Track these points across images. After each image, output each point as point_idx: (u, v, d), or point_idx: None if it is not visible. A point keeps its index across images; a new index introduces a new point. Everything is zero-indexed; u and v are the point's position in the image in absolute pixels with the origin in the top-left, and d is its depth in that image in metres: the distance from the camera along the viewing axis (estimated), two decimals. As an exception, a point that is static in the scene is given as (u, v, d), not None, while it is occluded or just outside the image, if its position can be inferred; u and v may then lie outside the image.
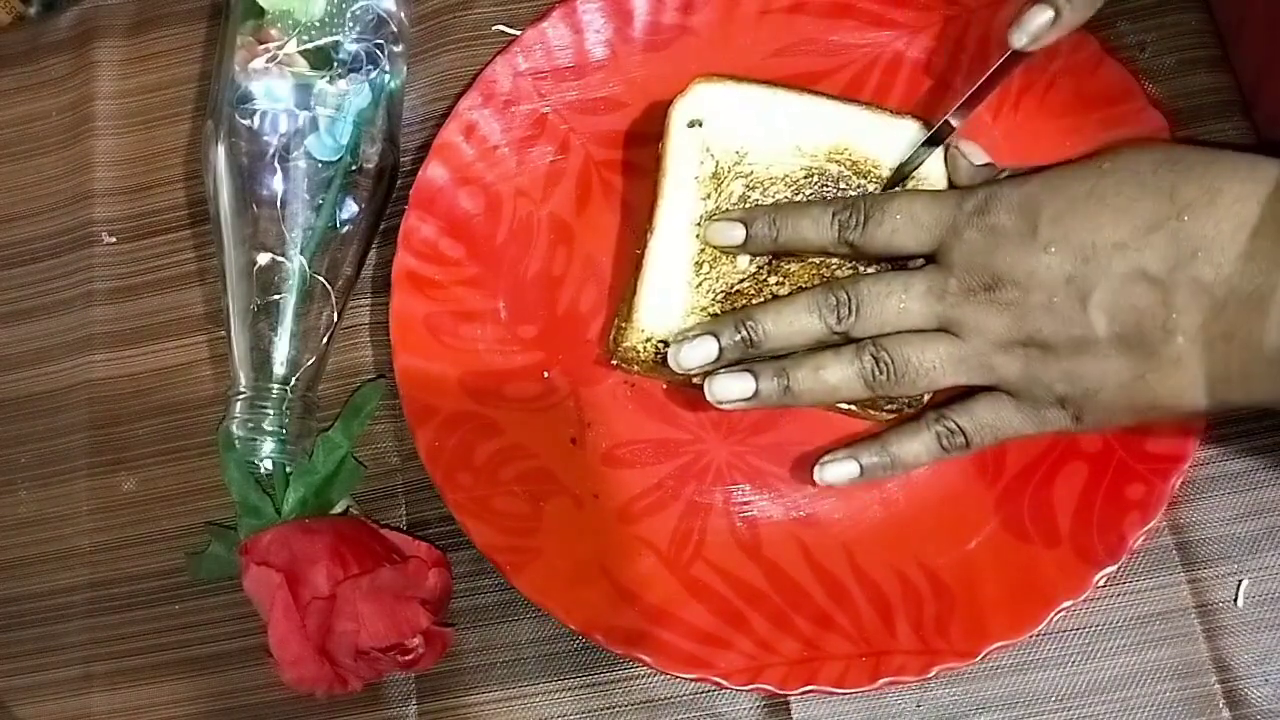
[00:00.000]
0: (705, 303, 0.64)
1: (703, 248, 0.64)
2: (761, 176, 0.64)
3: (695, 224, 0.65)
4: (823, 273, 0.64)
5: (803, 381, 0.60)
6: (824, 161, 0.64)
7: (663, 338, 0.64)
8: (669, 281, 0.64)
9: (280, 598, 0.64)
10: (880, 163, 0.64)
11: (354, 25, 0.72)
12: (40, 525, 0.78)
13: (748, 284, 0.64)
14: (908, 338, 0.58)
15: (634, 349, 0.64)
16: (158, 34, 0.85)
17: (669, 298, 0.64)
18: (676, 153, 0.65)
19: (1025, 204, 0.56)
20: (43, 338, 0.81)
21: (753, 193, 0.64)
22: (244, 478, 0.72)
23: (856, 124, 0.65)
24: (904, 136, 0.65)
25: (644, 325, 0.64)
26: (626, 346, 0.64)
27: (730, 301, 0.64)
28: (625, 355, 0.65)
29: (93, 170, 0.83)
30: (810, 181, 0.64)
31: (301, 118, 0.70)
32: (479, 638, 0.70)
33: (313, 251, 0.70)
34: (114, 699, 0.74)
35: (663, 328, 0.64)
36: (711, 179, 0.64)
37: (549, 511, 0.69)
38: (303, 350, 0.70)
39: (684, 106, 0.65)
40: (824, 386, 0.60)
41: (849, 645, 0.64)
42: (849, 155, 0.64)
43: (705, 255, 0.64)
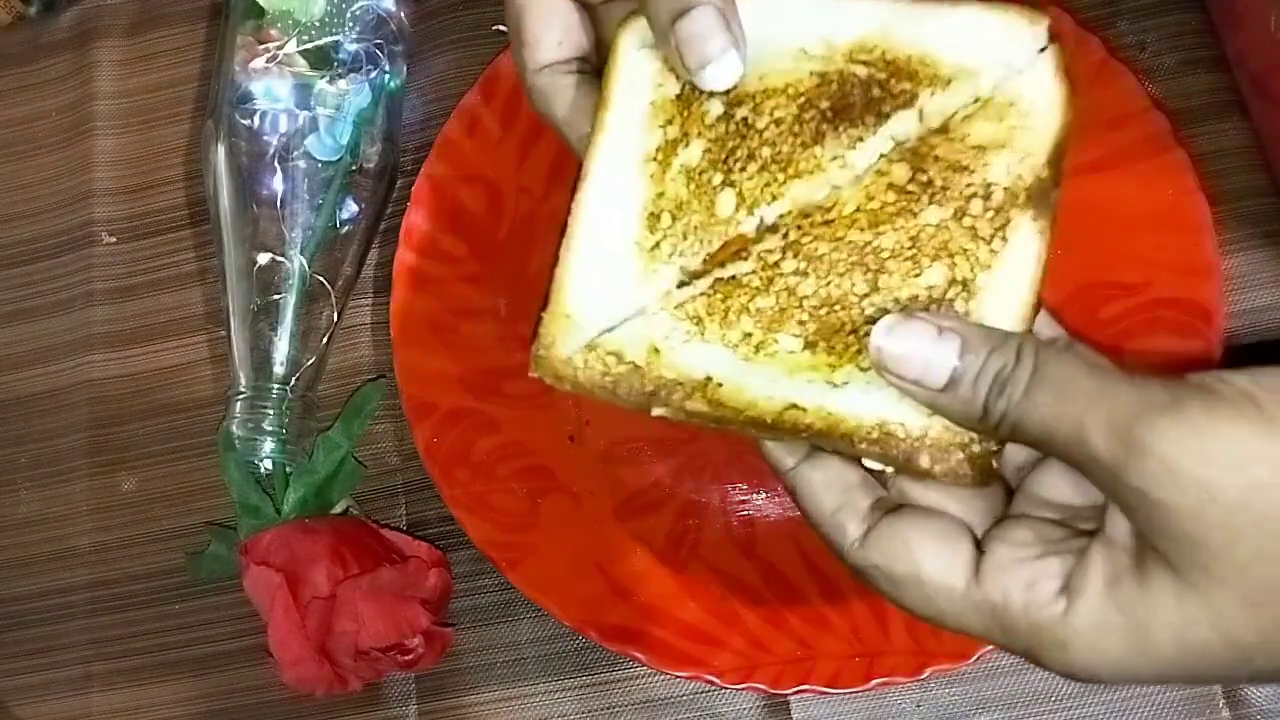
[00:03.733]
0: (667, 276, 0.44)
1: (660, 191, 0.45)
2: (751, 89, 0.45)
3: (651, 159, 0.45)
4: (865, 255, 0.43)
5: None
6: (843, 63, 0.45)
7: (600, 336, 0.44)
8: (607, 247, 0.45)
9: (280, 598, 0.64)
10: (937, 60, 0.44)
11: (354, 25, 0.72)
12: (40, 525, 0.78)
13: (751, 270, 0.44)
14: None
15: (560, 355, 0.44)
16: (158, 34, 0.85)
17: (608, 273, 0.44)
18: (626, 82, 0.46)
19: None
20: (42, 338, 0.81)
21: (738, 110, 0.45)
22: (244, 478, 0.72)
23: (895, 10, 0.45)
24: (977, 23, 0.45)
25: (572, 314, 0.44)
26: (549, 352, 0.44)
27: (713, 286, 0.44)
28: (549, 364, 0.44)
29: (93, 170, 0.83)
30: (825, 92, 0.45)
31: (301, 118, 0.70)
32: (479, 637, 0.70)
33: (313, 251, 0.70)
34: (114, 699, 0.74)
35: (600, 319, 0.44)
36: (675, 102, 0.45)
37: (546, 508, 0.69)
38: (303, 350, 0.71)
39: (638, 29, 0.46)
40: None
41: (843, 645, 0.64)
42: (883, 52, 0.45)
43: (665, 201, 0.45)
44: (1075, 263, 0.67)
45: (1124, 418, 0.36)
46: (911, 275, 0.43)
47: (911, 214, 0.43)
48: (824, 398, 0.43)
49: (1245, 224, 0.69)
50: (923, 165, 0.44)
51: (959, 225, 0.43)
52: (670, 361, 0.44)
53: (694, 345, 0.44)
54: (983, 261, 0.43)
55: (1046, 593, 0.38)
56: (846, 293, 0.43)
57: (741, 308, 0.44)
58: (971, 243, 0.43)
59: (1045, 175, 0.43)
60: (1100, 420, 0.36)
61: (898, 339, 0.40)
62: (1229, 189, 0.69)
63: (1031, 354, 0.39)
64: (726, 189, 0.44)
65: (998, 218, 0.43)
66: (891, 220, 0.43)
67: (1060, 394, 0.38)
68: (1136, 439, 0.35)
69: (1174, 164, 0.67)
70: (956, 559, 0.40)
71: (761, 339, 0.43)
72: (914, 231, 0.43)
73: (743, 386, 0.43)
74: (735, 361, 0.43)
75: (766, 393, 0.43)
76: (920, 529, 0.41)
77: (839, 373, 0.43)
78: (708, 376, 0.43)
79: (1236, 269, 0.68)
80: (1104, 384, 0.37)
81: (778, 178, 0.44)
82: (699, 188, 0.45)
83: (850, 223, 0.44)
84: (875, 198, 0.44)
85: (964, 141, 0.43)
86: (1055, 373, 0.38)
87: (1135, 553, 0.37)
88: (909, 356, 0.40)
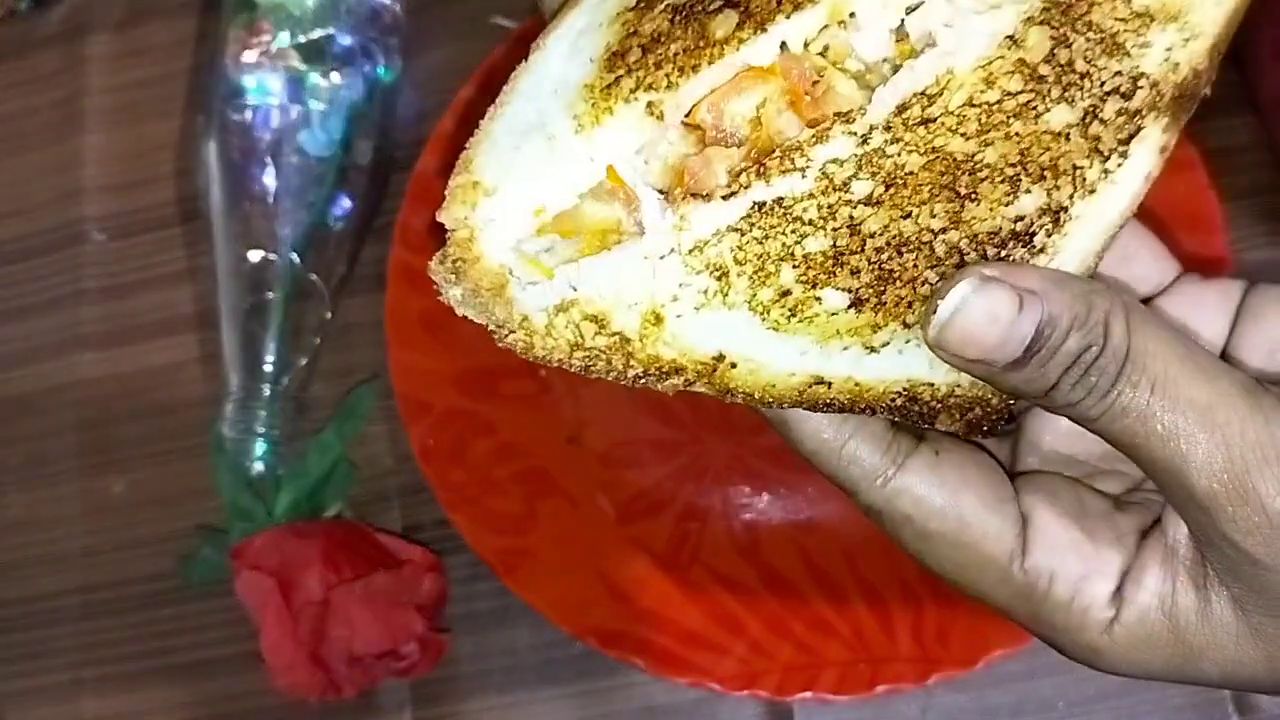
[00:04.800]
0: (623, 126, 0.34)
1: (632, 30, 0.35)
2: None
3: (628, 9, 0.35)
4: (960, 175, 0.34)
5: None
6: None
7: (529, 225, 0.34)
8: (543, 102, 0.35)
9: (272, 602, 0.63)
10: None
11: (347, 18, 0.71)
12: (30, 528, 0.77)
13: (808, 193, 0.33)
14: None
15: (478, 253, 0.34)
16: (148, 28, 0.84)
17: (539, 126, 0.34)
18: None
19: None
20: (31, 337, 0.80)
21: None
22: (235, 480, 0.71)
23: None
24: None
25: (484, 181, 0.34)
26: (466, 251, 0.34)
27: (751, 214, 0.33)
28: (455, 260, 0.34)
29: (82, 166, 0.82)
30: None
31: (294, 112, 0.70)
32: (475, 644, 0.69)
33: (305, 248, 0.70)
34: (104, 705, 0.73)
35: (522, 188, 0.34)
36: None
37: (544, 512, 0.68)
38: (295, 350, 0.70)
39: None
40: None
41: (847, 651, 0.64)
42: None
43: (637, 38, 0.34)
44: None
45: (1237, 460, 0.32)
46: (1004, 203, 0.34)
47: (1033, 114, 0.34)
48: (855, 366, 0.35)
49: (1256, 220, 0.69)
50: (1068, 35, 0.33)
51: (1083, 134, 0.34)
52: (673, 334, 0.33)
53: (709, 312, 0.33)
54: (1089, 184, 0.35)
55: (1099, 596, 0.35)
56: (922, 228, 0.34)
57: (785, 252, 0.33)
58: (1086, 159, 0.35)
59: (1203, 68, 0.35)
60: (1205, 453, 0.32)
61: (970, 315, 0.32)
62: (1239, 185, 0.69)
63: (1123, 334, 0.32)
64: (725, 11, 0.33)
65: (1128, 125, 0.35)
66: (1007, 122, 0.34)
67: (1158, 403, 0.32)
68: (1246, 488, 0.32)
69: (1184, 160, 0.66)
70: (1006, 525, 0.35)
71: (801, 298, 0.34)
72: (1028, 141, 0.34)
73: (762, 364, 0.34)
74: (759, 332, 0.34)
75: (789, 369, 0.34)
76: (964, 480, 0.35)
77: (880, 333, 0.35)
78: (719, 355, 0.34)
79: (1247, 266, 0.67)
80: (1212, 397, 0.32)
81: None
82: (687, 17, 0.34)
83: (957, 122, 0.33)
84: (996, 84, 0.33)
85: (1129, 2, 0.34)
86: (1152, 368, 0.32)
87: (1194, 571, 0.34)
88: (979, 336, 0.32)
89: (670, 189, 0.34)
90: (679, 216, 0.33)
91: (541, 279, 0.33)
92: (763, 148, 0.33)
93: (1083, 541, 0.35)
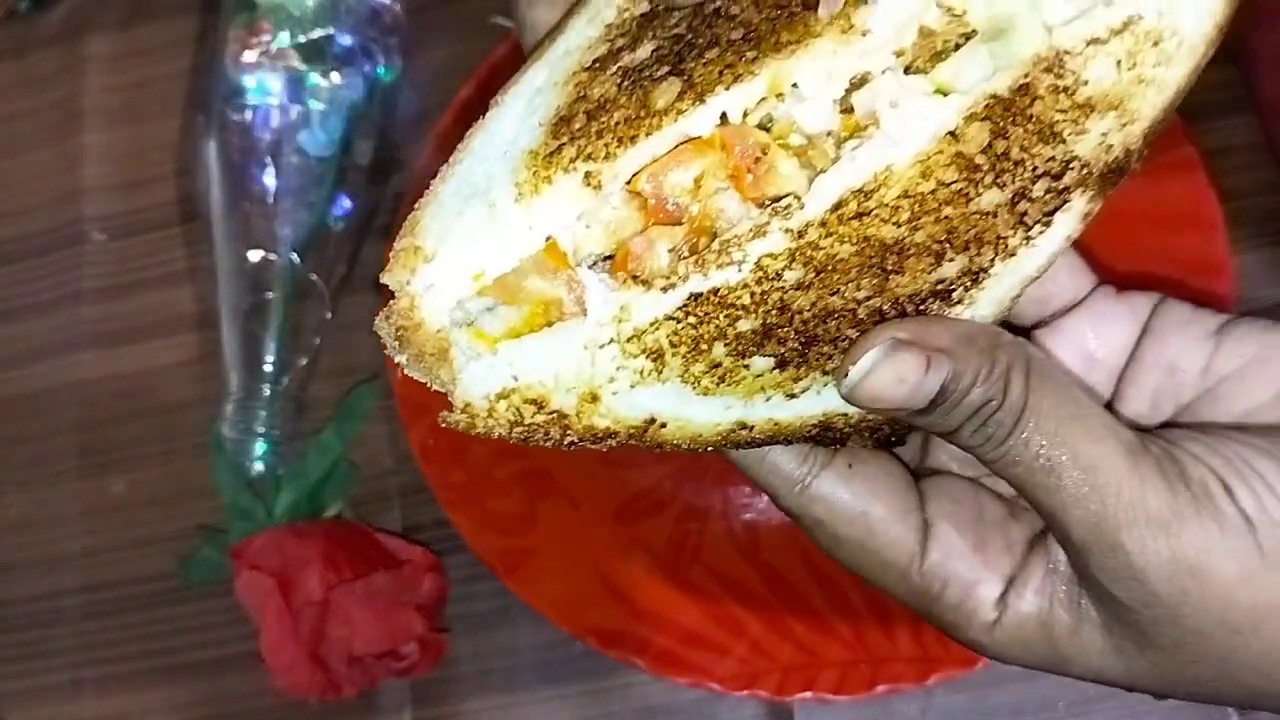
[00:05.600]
0: (560, 196, 0.34)
1: (581, 95, 0.35)
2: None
3: (583, 71, 0.36)
4: (888, 256, 0.35)
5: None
6: None
7: (469, 288, 0.34)
8: (490, 165, 0.35)
9: (272, 603, 0.63)
10: None
11: (347, 18, 0.71)
12: (29, 528, 0.76)
13: (742, 284, 0.34)
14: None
15: (411, 310, 0.34)
16: (149, 28, 0.84)
17: (483, 193, 0.34)
18: (594, 7, 0.38)
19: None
20: (31, 337, 0.80)
21: (711, 3, 0.36)
22: (235, 480, 0.71)
23: None
24: None
25: (424, 246, 0.34)
26: (407, 319, 0.34)
27: (688, 304, 0.34)
28: (398, 327, 0.34)
29: (82, 166, 0.82)
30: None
31: (294, 112, 0.70)
32: (475, 644, 0.69)
33: (305, 248, 0.70)
34: (104, 705, 0.73)
35: (462, 256, 0.34)
36: (640, 19, 0.37)
37: (544, 512, 0.68)
38: (294, 350, 0.70)
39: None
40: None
41: (847, 651, 0.64)
42: None
43: (583, 104, 0.34)
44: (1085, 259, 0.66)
45: (1110, 517, 0.35)
46: (927, 271, 0.35)
47: (964, 200, 0.34)
48: (776, 410, 0.37)
49: (1255, 220, 0.69)
50: (1007, 128, 0.34)
51: (1010, 211, 0.35)
52: (608, 408, 0.35)
53: (644, 388, 0.35)
54: (1011, 249, 0.36)
55: (985, 601, 0.39)
56: (848, 300, 0.35)
57: (718, 333, 0.34)
58: (1011, 230, 0.36)
59: (1136, 149, 0.36)
60: (1083, 509, 0.35)
61: (879, 377, 0.35)
62: (1239, 185, 0.68)
63: (1021, 391, 0.36)
64: (670, 79, 0.33)
65: (1055, 200, 0.36)
66: (939, 208, 0.34)
67: (1046, 458, 0.35)
68: (1117, 544, 0.35)
69: (1183, 160, 0.66)
70: (908, 533, 0.39)
71: (730, 367, 0.35)
72: (956, 221, 0.35)
73: (689, 421, 0.36)
74: (689, 397, 0.35)
75: (715, 421, 0.36)
76: (872, 492, 0.39)
77: (801, 382, 0.36)
78: (651, 419, 0.36)
79: (1247, 266, 0.67)
80: (1095, 457, 0.35)
81: (746, 55, 0.33)
82: (634, 84, 0.33)
83: (891, 213, 0.34)
84: (932, 175, 0.34)
85: (1073, 95, 0.34)
86: (1044, 425, 0.35)
87: (1070, 592, 0.38)
88: (888, 394, 0.35)
89: (613, 254, 0.34)
90: (619, 308, 0.33)
91: (484, 349, 0.34)
92: (703, 226, 0.33)
93: (976, 550, 0.39)
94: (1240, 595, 0.34)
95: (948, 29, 0.34)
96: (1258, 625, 0.35)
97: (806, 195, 0.33)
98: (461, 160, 0.35)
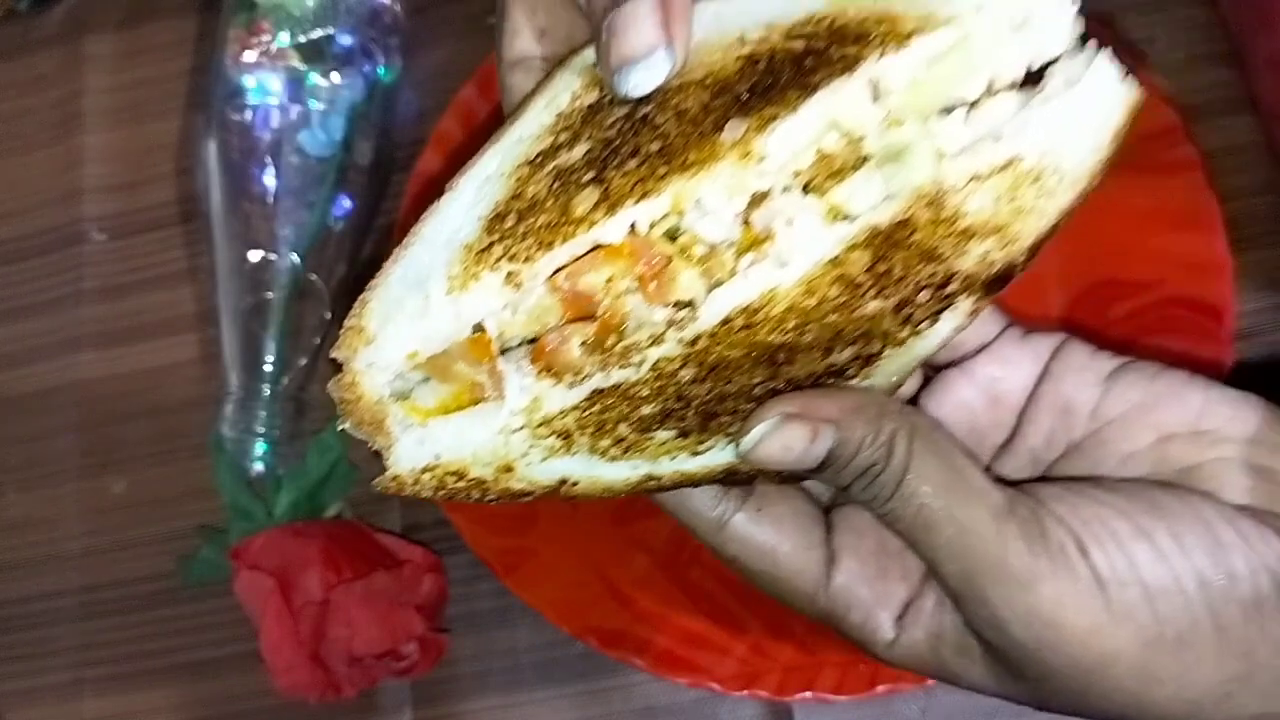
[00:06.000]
0: (485, 291, 0.38)
1: (518, 193, 0.38)
2: (667, 85, 0.38)
3: (526, 164, 0.39)
4: (778, 354, 0.39)
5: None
6: (779, 41, 0.38)
7: (405, 365, 0.39)
8: (433, 254, 0.39)
9: (272, 603, 0.63)
10: (899, 14, 0.37)
11: (347, 18, 0.71)
12: (29, 528, 0.77)
13: (640, 380, 0.38)
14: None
15: (362, 389, 0.39)
16: (149, 28, 0.84)
17: (420, 285, 0.38)
18: (550, 93, 0.41)
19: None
20: (30, 337, 0.80)
21: (643, 108, 0.38)
22: (235, 480, 0.71)
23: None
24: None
25: (368, 330, 0.39)
26: (352, 394, 0.39)
27: (591, 398, 0.38)
28: (342, 399, 0.39)
29: (82, 166, 0.82)
30: (748, 75, 0.38)
31: (294, 112, 0.70)
32: (475, 644, 0.69)
33: (305, 248, 0.70)
34: (105, 705, 0.73)
35: (398, 341, 0.39)
36: (586, 111, 0.40)
37: (544, 512, 0.68)
38: (295, 350, 0.70)
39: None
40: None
41: (847, 652, 0.63)
42: (831, 21, 0.38)
43: (518, 202, 0.38)
44: (1085, 260, 0.67)
45: (977, 575, 0.40)
46: (819, 360, 0.39)
47: (849, 310, 0.38)
48: (682, 464, 0.40)
49: (1256, 221, 0.69)
50: (889, 252, 0.37)
51: (895, 314, 0.39)
52: (522, 476, 0.39)
53: (554, 459, 0.39)
54: (900, 340, 0.39)
55: (884, 623, 0.44)
56: (742, 386, 0.39)
57: (621, 417, 0.38)
58: (899, 327, 0.39)
59: (1020, 262, 0.39)
60: (954, 565, 0.40)
61: (769, 446, 0.39)
62: (1239, 185, 0.68)
63: (903, 456, 0.40)
64: (591, 187, 0.37)
65: (939, 304, 0.39)
66: (824, 317, 0.38)
67: (924, 519, 0.40)
68: (983, 598, 0.40)
69: (1184, 160, 0.66)
70: (812, 565, 0.44)
71: (634, 440, 0.39)
72: (843, 324, 0.38)
73: (599, 477, 0.40)
74: (597, 463, 0.39)
75: (624, 478, 0.40)
76: (779, 532, 0.43)
77: (705, 444, 0.40)
78: (563, 480, 0.40)
79: (1247, 266, 0.67)
80: (966, 520, 0.40)
81: (657, 172, 0.36)
82: (562, 186, 0.37)
83: (777, 324, 0.38)
84: (816, 293, 0.37)
85: (952, 225, 0.37)
86: (922, 490, 0.40)
87: (957, 620, 0.42)
88: (778, 459, 0.40)
89: (536, 337, 0.38)
90: (532, 399, 0.38)
91: (415, 421, 0.39)
92: (612, 323, 0.38)
93: (877, 577, 0.44)
94: (1090, 644, 0.39)
95: (845, 152, 0.37)
96: (1107, 668, 0.40)
97: (702, 305, 0.37)
98: (412, 244, 0.39)
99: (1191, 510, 0.41)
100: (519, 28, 0.44)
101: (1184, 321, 0.65)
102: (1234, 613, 0.40)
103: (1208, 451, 0.44)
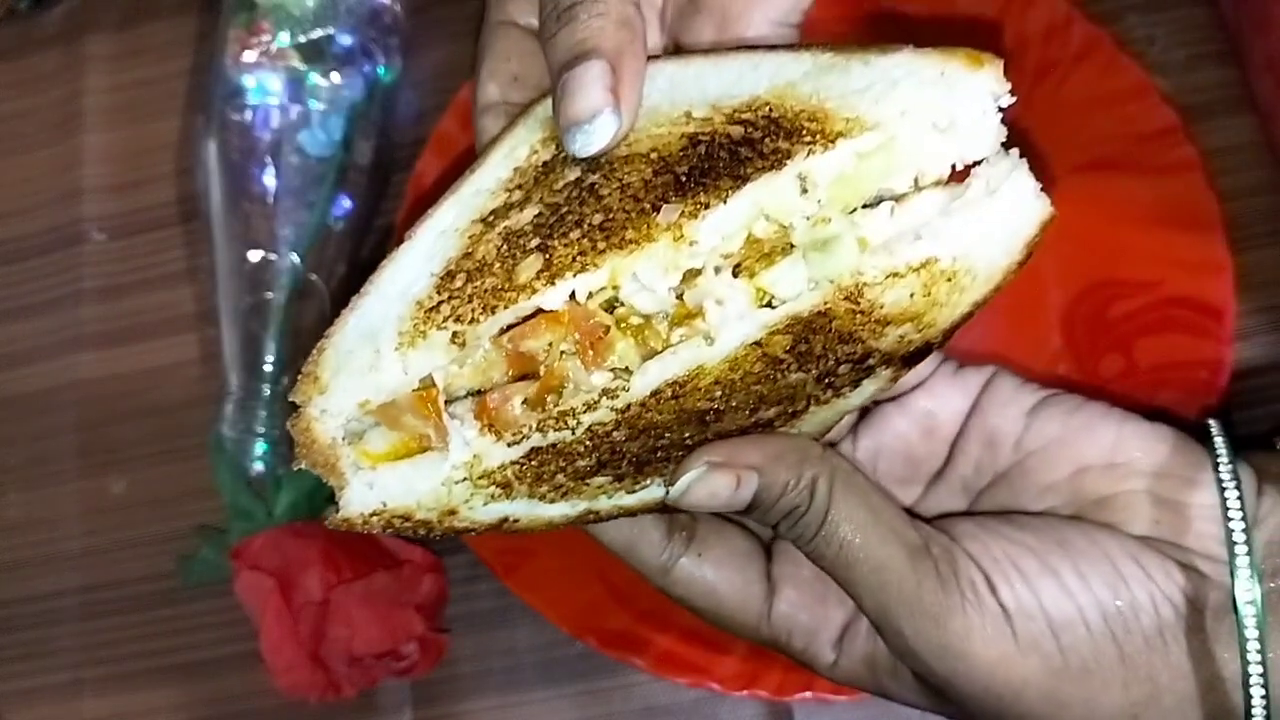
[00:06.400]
0: (432, 349, 0.40)
1: (469, 252, 0.41)
2: (616, 153, 0.41)
3: (479, 221, 0.42)
4: (706, 416, 0.41)
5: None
6: (721, 124, 0.41)
7: (357, 412, 0.41)
8: (387, 307, 0.41)
9: (272, 603, 0.63)
10: (830, 114, 0.40)
11: (347, 18, 0.71)
12: (29, 528, 0.76)
13: (576, 440, 0.41)
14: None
15: (308, 430, 0.41)
16: (149, 28, 0.84)
17: (371, 339, 0.40)
18: (509, 145, 0.44)
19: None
20: (30, 337, 0.80)
21: (591, 175, 0.41)
22: (235, 480, 0.71)
23: (800, 68, 0.41)
24: (897, 78, 0.39)
25: (322, 379, 0.40)
26: (306, 437, 0.41)
27: (529, 456, 0.41)
28: (298, 435, 0.41)
29: (82, 166, 0.82)
30: (689, 155, 0.40)
31: (294, 112, 0.70)
32: (475, 644, 0.69)
33: (305, 248, 0.70)
34: (105, 705, 0.73)
35: (349, 392, 0.40)
36: (540, 169, 0.43)
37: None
38: (295, 350, 0.70)
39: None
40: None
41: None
42: (769, 109, 0.41)
43: (468, 262, 0.40)
44: (1085, 260, 0.67)
45: (891, 609, 0.43)
46: (746, 418, 0.42)
47: (773, 380, 0.41)
48: (621, 499, 0.43)
49: (1256, 221, 0.69)
50: (809, 336, 0.40)
51: (817, 382, 0.43)
52: (465, 518, 0.42)
53: (495, 504, 0.42)
54: (824, 400, 0.43)
55: (824, 646, 0.48)
56: (673, 441, 0.42)
57: (558, 469, 0.41)
58: (821, 391, 0.43)
59: (937, 341, 0.43)
60: (871, 599, 0.43)
61: (696, 493, 0.42)
62: (1239, 185, 0.68)
63: (824, 499, 0.43)
64: (535, 254, 0.39)
65: (859, 374, 0.43)
66: (749, 388, 0.41)
67: (844, 557, 0.43)
68: (897, 629, 0.43)
69: (1184, 160, 0.66)
70: (750, 601, 0.47)
71: (571, 486, 0.42)
72: (767, 390, 0.41)
73: (540, 515, 0.43)
74: (537, 505, 0.43)
75: (564, 514, 0.43)
76: (720, 572, 0.46)
77: (639, 484, 0.43)
78: (504, 518, 0.42)
79: (1247, 266, 0.67)
80: (883, 558, 0.43)
81: (597, 246, 0.39)
82: (510, 250, 0.40)
83: (704, 394, 0.40)
84: (740, 368, 0.40)
85: (870, 315, 0.40)
86: (842, 530, 0.43)
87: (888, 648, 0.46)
88: (706, 504, 0.43)
89: (482, 389, 0.41)
90: (473, 455, 0.40)
91: (366, 465, 0.41)
92: (551, 384, 0.40)
93: (816, 604, 0.47)
94: (998, 673, 0.43)
95: (774, 238, 0.40)
96: (1018, 694, 0.43)
97: (635, 373, 0.40)
98: (369, 294, 0.41)
99: (1097, 546, 0.44)
100: (493, 73, 0.47)
101: (1184, 321, 0.65)
102: (1137, 642, 0.43)
103: (1119, 484, 0.47)
